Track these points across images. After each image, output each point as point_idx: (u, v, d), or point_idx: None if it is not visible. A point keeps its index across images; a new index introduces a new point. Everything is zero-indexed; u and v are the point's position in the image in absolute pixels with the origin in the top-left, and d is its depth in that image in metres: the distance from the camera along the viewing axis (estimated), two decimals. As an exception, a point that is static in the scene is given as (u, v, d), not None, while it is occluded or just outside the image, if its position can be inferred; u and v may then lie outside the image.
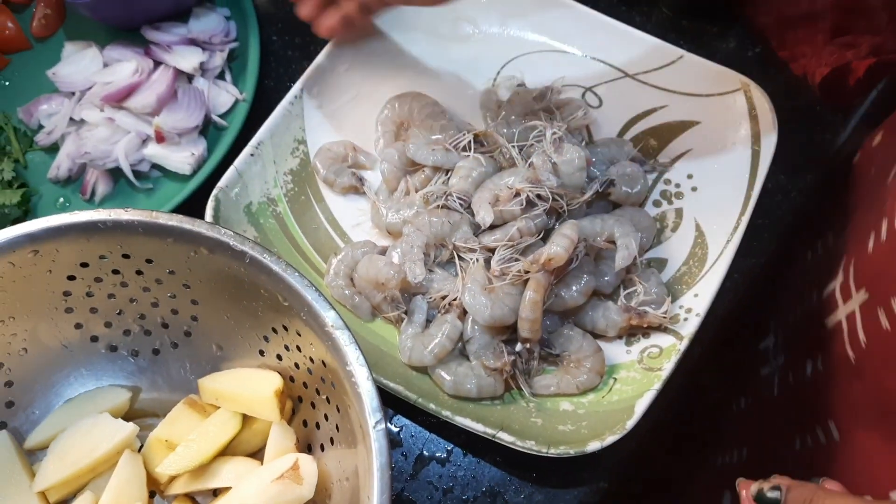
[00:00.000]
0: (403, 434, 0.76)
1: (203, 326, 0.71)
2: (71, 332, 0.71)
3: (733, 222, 0.80)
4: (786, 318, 0.91)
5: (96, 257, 0.66)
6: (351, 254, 0.79)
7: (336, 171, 0.84)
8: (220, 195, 0.78)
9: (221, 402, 0.69)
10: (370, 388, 0.58)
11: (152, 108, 0.84)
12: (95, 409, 0.71)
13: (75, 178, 0.87)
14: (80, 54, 0.90)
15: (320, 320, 0.60)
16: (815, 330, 0.79)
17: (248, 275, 0.64)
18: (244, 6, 0.92)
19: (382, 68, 0.90)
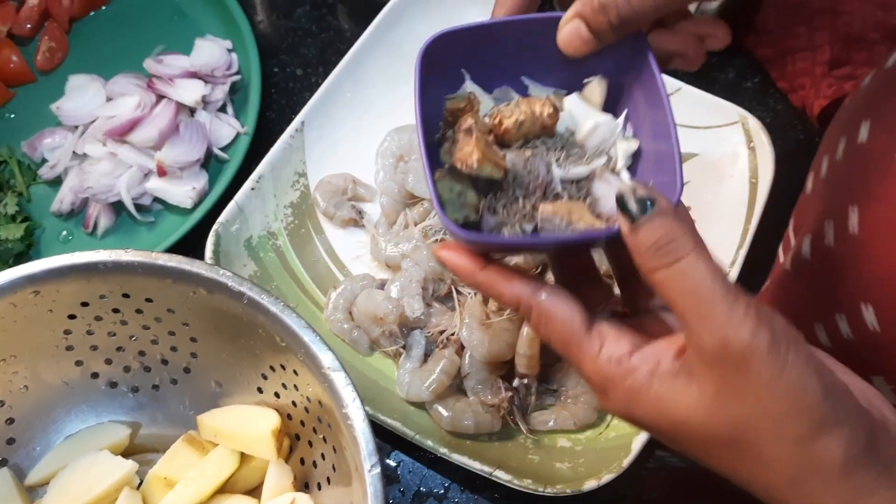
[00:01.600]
0: (401, 470, 0.76)
1: (202, 363, 0.71)
2: (72, 369, 0.71)
3: (731, 256, 0.80)
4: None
5: (97, 297, 0.67)
6: (350, 287, 0.80)
7: (336, 204, 0.85)
8: (221, 230, 0.79)
9: (220, 439, 0.70)
10: (366, 430, 0.58)
11: (154, 142, 0.85)
12: (95, 445, 0.72)
13: (78, 211, 0.88)
14: (84, 88, 0.90)
15: (317, 361, 0.61)
16: None
17: (247, 314, 0.64)
18: (245, 38, 0.93)
19: (383, 100, 0.91)
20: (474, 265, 0.48)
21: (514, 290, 0.47)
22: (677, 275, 0.40)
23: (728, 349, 0.39)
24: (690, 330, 0.40)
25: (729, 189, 0.84)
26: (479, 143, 0.47)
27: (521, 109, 0.50)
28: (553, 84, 0.53)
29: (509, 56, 0.52)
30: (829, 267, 0.58)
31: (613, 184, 0.49)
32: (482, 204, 0.48)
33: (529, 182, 0.49)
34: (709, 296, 0.39)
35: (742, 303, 0.39)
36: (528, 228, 0.48)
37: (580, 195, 0.49)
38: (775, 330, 0.39)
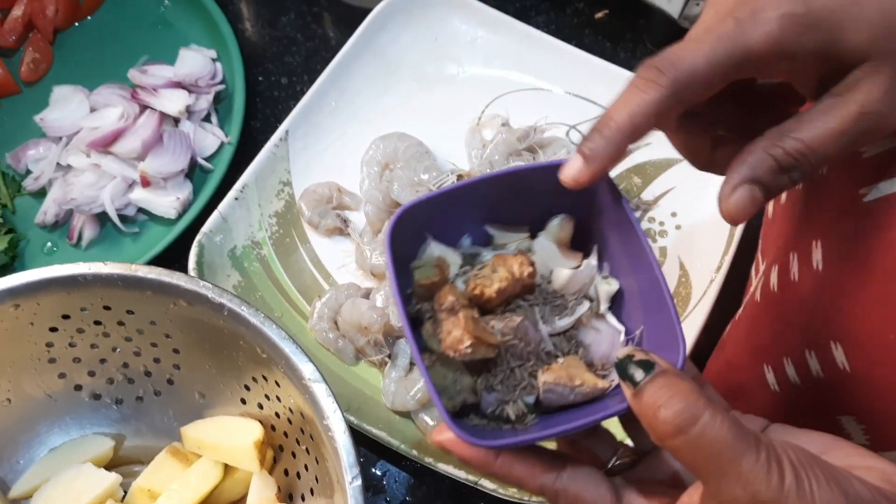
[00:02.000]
0: (387, 480, 0.76)
1: (185, 375, 0.71)
2: (55, 381, 0.71)
3: (717, 261, 0.80)
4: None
5: (77, 309, 0.66)
6: (335, 297, 0.80)
7: (321, 213, 0.85)
8: (204, 240, 0.79)
9: (203, 451, 0.70)
10: (347, 442, 0.58)
11: (138, 153, 0.85)
12: (79, 458, 0.71)
13: (62, 223, 0.87)
14: (68, 99, 0.90)
15: (298, 372, 0.61)
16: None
17: (228, 326, 0.64)
18: (230, 47, 0.93)
19: (367, 109, 0.91)
20: (487, 454, 0.45)
21: (537, 479, 0.45)
22: (696, 439, 0.38)
23: (761, 501, 0.38)
24: (716, 489, 0.39)
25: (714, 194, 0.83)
26: (467, 325, 0.44)
27: (499, 275, 0.47)
28: (514, 222, 0.51)
29: (470, 210, 0.50)
30: (797, 302, 0.57)
31: (601, 330, 0.49)
32: (478, 383, 0.46)
33: (521, 349, 0.47)
34: (733, 455, 0.38)
35: (763, 450, 0.38)
36: (530, 400, 0.46)
37: (570, 348, 0.48)
38: (795, 467, 0.38)
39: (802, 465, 0.38)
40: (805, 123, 0.43)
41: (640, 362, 0.40)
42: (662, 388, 0.39)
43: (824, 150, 0.43)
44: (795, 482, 0.38)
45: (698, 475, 0.39)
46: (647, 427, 0.40)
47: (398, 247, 0.47)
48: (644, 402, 0.39)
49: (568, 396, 0.46)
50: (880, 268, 0.49)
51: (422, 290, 0.48)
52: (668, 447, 0.39)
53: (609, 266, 0.50)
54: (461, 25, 0.94)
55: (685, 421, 0.38)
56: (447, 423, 0.43)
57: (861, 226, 0.51)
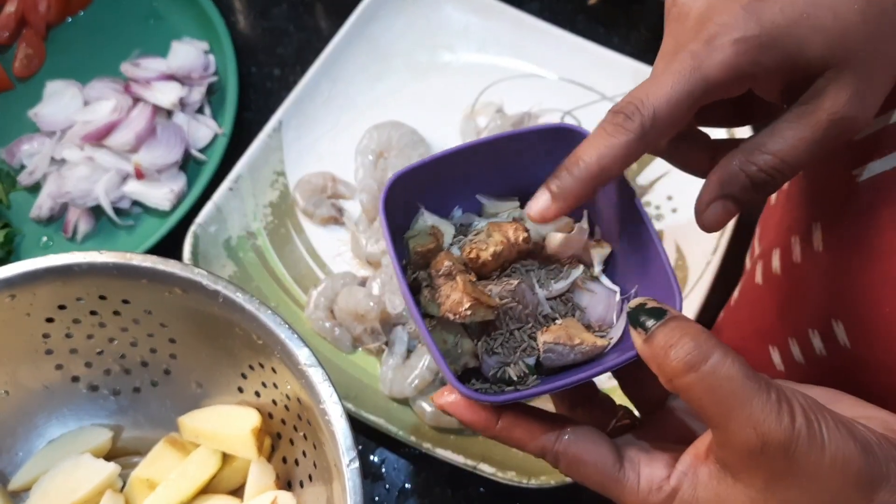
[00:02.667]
0: (386, 467, 0.76)
1: (182, 364, 0.71)
2: (52, 373, 0.71)
3: (713, 244, 0.80)
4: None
5: (73, 299, 0.66)
6: (331, 286, 0.80)
7: (315, 203, 0.84)
8: (199, 231, 0.79)
9: (201, 440, 0.70)
10: (344, 426, 0.58)
11: (131, 145, 0.85)
12: (77, 449, 0.71)
13: (57, 216, 0.87)
14: (61, 93, 0.90)
15: (294, 358, 0.61)
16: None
17: (223, 313, 0.64)
18: (222, 39, 0.92)
19: (361, 98, 0.91)
20: (489, 416, 0.45)
21: (538, 440, 0.45)
22: (707, 377, 0.38)
23: (771, 441, 0.38)
24: (725, 430, 0.39)
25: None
26: (466, 289, 0.45)
27: (494, 239, 0.48)
28: (504, 192, 0.51)
29: (462, 179, 0.50)
30: (799, 282, 0.58)
31: (597, 292, 0.49)
32: (479, 347, 0.46)
33: (520, 312, 0.47)
34: (744, 394, 0.38)
35: (773, 392, 0.38)
36: (531, 361, 0.46)
37: (567, 310, 0.48)
38: (805, 409, 0.39)
39: (812, 409, 0.39)
40: (776, 135, 0.43)
41: (651, 310, 0.41)
42: (674, 330, 0.40)
43: (797, 160, 0.43)
44: (806, 423, 0.38)
45: (707, 419, 0.40)
46: (657, 370, 0.40)
47: (392, 216, 0.47)
48: (655, 344, 0.40)
49: (568, 356, 0.46)
50: (876, 246, 0.50)
51: (417, 257, 0.48)
52: (678, 386, 0.40)
53: (600, 230, 0.51)
54: (454, 13, 0.94)
55: (696, 358, 0.39)
56: (452, 383, 0.43)
57: (857, 206, 0.51)
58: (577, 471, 0.45)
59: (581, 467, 0.45)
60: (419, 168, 0.48)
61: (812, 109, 0.43)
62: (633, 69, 0.89)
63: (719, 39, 0.42)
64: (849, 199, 0.52)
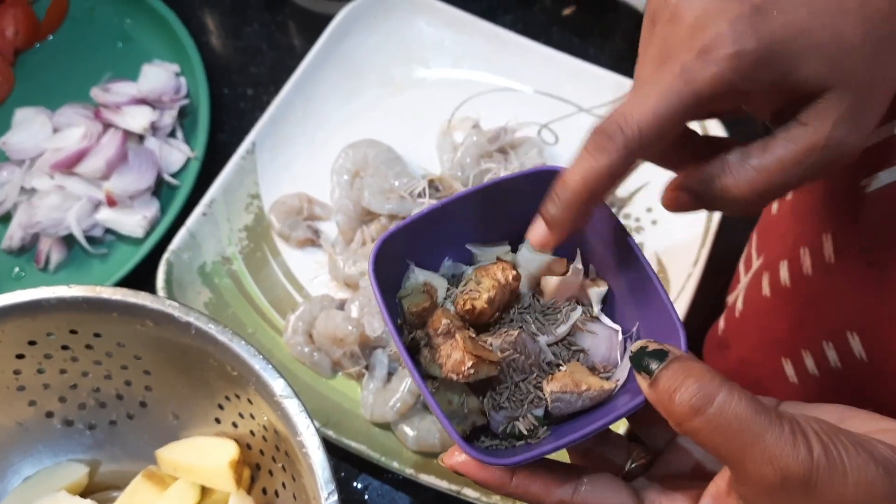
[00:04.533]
0: (369, 493, 0.74)
1: (158, 396, 0.69)
2: (25, 409, 0.69)
3: (694, 255, 0.79)
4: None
5: (44, 334, 0.65)
6: (309, 310, 0.78)
7: (291, 225, 0.83)
8: (172, 258, 0.78)
9: (179, 472, 0.68)
10: (321, 458, 0.57)
11: (102, 172, 0.84)
12: (53, 486, 0.70)
13: (29, 247, 0.86)
14: (30, 121, 0.89)
15: (269, 389, 0.59)
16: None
17: (196, 345, 0.62)
18: (193, 61, 0.91)
19: (336, 116, 0.90)
20: (503, 475, 0.44)
21: (554, 495, 0.44)
22: (715, 418, 0.37)
23: (791, 476, 0.36)
24: (742, 469, 0.38)
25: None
26: (466, 346, 0.44)
27: (485, 285, 0.47)
28: (493, 238, 0.51)
29: (448, 231, 0.50)
30: (811, 294, 0.57)
31: (598, 332, 0.48)
32: (485, 403, 0.46)
33: (523, 363, 0.46)
34: (755, 430, 0.37)
35: (786, 424, 0.37)
36: (539, 413, 0.46)
37: (570, 355, 0.48)
38: (821, 437, 0.37)
39: (828, 434, 0.37)
40: (768, 151, 0.42)
41: (653, 353, 0.40)
42: (678, 373, 0.38)
43: (784, 179, 0.42)
44: (824, 452, 0.36)
45: (722, 459, 0.38)
46: (665, 414, 0.39)
47: (382, 278, 0.46)
48: (660, 388, 0.39)
49: (576, 403, 0.45)
50: (891, 258, 0.49)
51: (413, 317, 0.47)
52: (687, 431, 0.38)
53: (594, 268, 0.50)
54: (427, 28, 0.93)
55: (701, 400, 0.37)
56: (462, 447, 0.42)
57: (867, 217, 0.50)
58: None
59: None
60: (405, 227, 0.47)
61: (808, 131, 0.41)
62: (609, 80, 0.88)
63: (714, 53, 0.40)
64: (859, 210, 0.51)
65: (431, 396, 0.44)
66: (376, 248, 0.46)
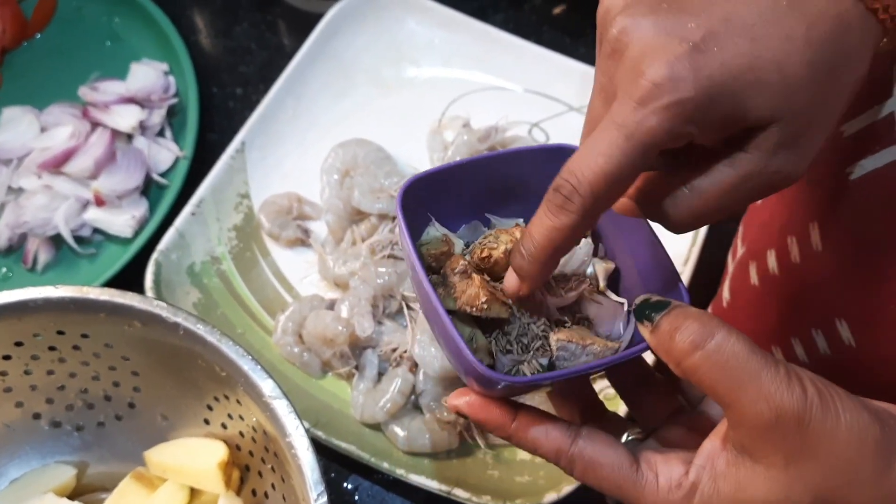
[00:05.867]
0: (360, 494, 0.74)
1: (146, 397, 0.69)
2: (12, 411, 0.69)
3: (684, 254, 0.79)
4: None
5: (30, 335, 0.64)
6: (298, 310, 0.78)
7: (281, 224, 0.83)
8: (161, 258, 0.77)
9: (168, 474, 0.68)
10: (311, 459, 0.56)
11: (90, 171, 0.83)
12: (41, 488, 0.69)
13: (16, 247, 0.85)
14: (17, 120, 0.88)
15: (258, 390, 0.59)
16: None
17: (184, 345, 0.62)
18: (182, 60, 0.91)
19: (326, 116, 0.89)
20: (504, 415, 0.45)
21: (552, 441, 0.45)
22: (714, 353, 0.39)
23: (786, 414, 0.37)
24: (739, 407, 0.39)
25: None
26: (482, 284, 0.46)
27: (503, 239, 0.49)
28: (512, 215, 0.52)
29: (468, 194, 0.51)
30: (799, 282, 0.57)
31: (604, 304, 0.50)
32: (493, 346, 0.47)
33: (532, 314, 0.48)
34: (752, 368, 0.38)
35: (781, 366, 0.38)
36: (544, 362, 0.47)
37: (575, 321, 0.49)
38: (815, 382, 0.38)
39: (822, 381, 0.39)
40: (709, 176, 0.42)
41: (655, 303, 0.42)
42: (678, 316, 0.40)
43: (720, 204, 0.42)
44: (818, 394, 0.38)
45: (718, 397, 0.39)
46: (665, 356, 0.41)
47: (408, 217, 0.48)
48: (661, 330, 0.40)
49: (580, 356, 0.46)
50: (878, 244, 0.50)
51: (431, 260, 0.49)
52: (686, 368, 0.40)
53: (605, 248, 0.52)
54: (417, 27, 0.92)
55: (701, 336, 0.39)
56: (473, 364, 0.43)
57: (852, 204, 0.51)
58: (594, 473, 0.44)
59: (597, 470, 0.44)
60: (430, 176, 0.50)
61: (747, 159, 0.41)
62: (600, 79, 0.88)
63: (652, 103, 0.39)
64: (844, 198, 0.52)
65: (450, 321, 0.44)
66: (404, 187, 0.48)
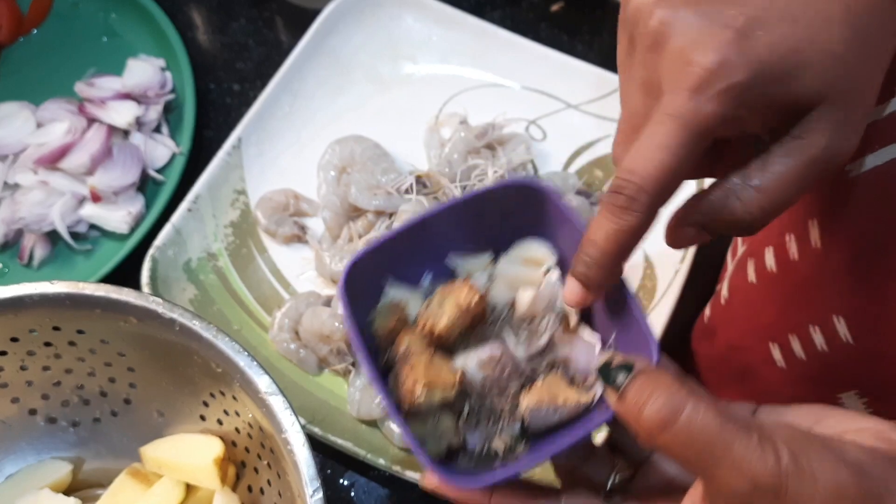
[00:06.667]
0: (356, 491, 0.74)
1: (142, 393, 0.69)
2: (7, 407, 0.69)
3: (681, 252, 0.79)
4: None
5: (26, 331, 0.64)
6: (295, 306, 0.78)
7: (277, 221, 0.83)
8: (157, 254, 0.77)
9: (164, 470, 0.68)
10: (307, 455, 0.56)
11: (87, 167, 0.83)
12: (36, 484, 0.69)
13: (12, 243, 0.85)
14: (13, 116, 0.88)
15: (254, 386, 0.59)
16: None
17: (180, 341, 0.62)
18: (179, 56, 0.91)
19: (322, 112, 0.89)
20: (481, 495, 0.45)
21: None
22: (683, 432, 0.38)
23: (762, 485, 0.37)
24: (713, 482, 0.38)
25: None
26: (416, 373, 0.44)
27: (445, 310, 0.47)
28: (477, 248, 0.51)
29: (427, 245, 0.50)
30: (797, 279, 0.57)
31: (576, 343, 0.48)
32: (460, 425, 0.45)
33: (499, 377, 0.46)
34: (724, 441, 0.37)
35: (753, 432, 0.37)
36: (516, 429, 0.46)
37: (549, 367, 0.48)
38: (790, 444, 0.37)
39: (797, 441, 0.38)
40: (766, 169, 0.42)
41: (619, 366, 0.40)
42: (643, 387, 0.39)
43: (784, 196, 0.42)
44: (793, 460, 0.37)
45: (694, 471, 0.39)
46: (634, 429, 0.39)
47: (356, 300, 0.45)
48: (627, 403, 0.39)
49: (553, 417, 0.45)
50: (878, 242, 0.49)
51: (383, 339, 0.47)
52: (657, 445, 0.39)
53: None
54: (415, 24, 0.92)
55: (668, 415, 0.38)
56: (432, 470, 0.42)
57: (852, 201, 0.51)
58: None
59: None
60: (378, 248, 0.47)
61: (805, 145, 0.41)
62: (597, 76, 0.88)
63: (707, 90, 0.39)
64: (844, 196, 0.51)
65: (404, 423, 0.43)
66: (346, 272, 0.45)
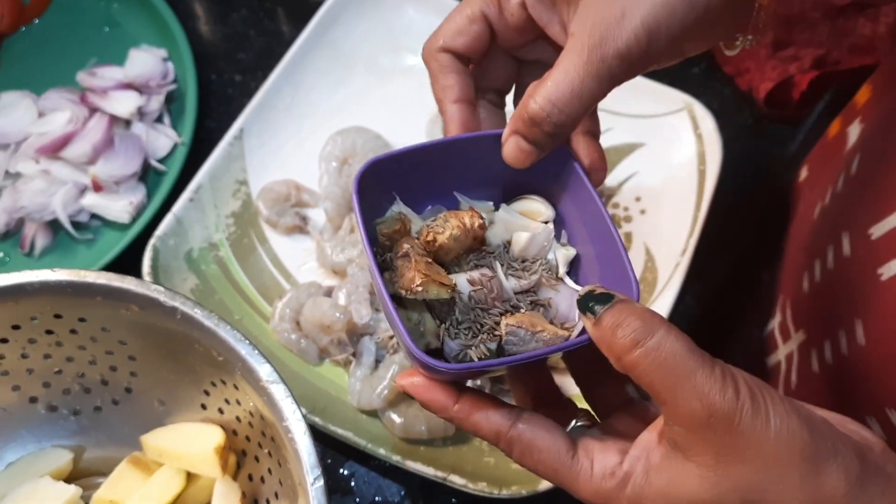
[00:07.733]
0: (356, 480, 0.74)
1: (143, 382, 0.69)
2: (8, 394, 0.69)
3: (682, 245, 0.79)
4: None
5: (27, 319, 0.64)
6: (296, 296, 0.78)
7: (279, 212, 0.83)
8: (158, 244, 0.77)
9: (164, 458, 0.68)
10: (307, 443, 0.56)
11: (88, 157, 0.83)
12: (37, 472, 0.69)
13: (14, 232, 0.85)
14: (15, 105, 0.88)
15: (255, 375, 0.59)
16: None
17: (182, 330, 0.62)
18: (181, 46, 0.91)
19: (324, 103, 0.89)
20: (447, 397, 0.46)
21: (492, 423, 0.45)
22: (653, 351, 0.39)
23: (717, 413, 0.38)
24: (674, 404, 0.39)
25: (677, 177, 0.83)
26: (418, 267, 0.46)
27: (451, 224, 0.49)
28: (484, 198, 0.52)
29: (438, 176, 0.51)
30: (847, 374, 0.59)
31: (560, 290, 0.49)
32: (441, 330, 0.47)
33: (486, 297, 0.48)
34: (689, 366, 0.39)
35: (717, 366, 0.39)
36: (492, 346, 0.47)
37: (532, 306, 0.49)
38: (749, 384, 0.39)
39: (756, 385, 0.40)
40: (553, 68, 0.45)
41: (599, 296, 0.42)
42: (621, 312, 0.41)
43: (572, 87, 0.45)
44: (750, 396, 0.39)
45: (655, 394, 0.40)
46: (606, 350, 0.41)
47: (366, 201, 0.47)
48: (603, 325, 0.41)
49: (529, 342, 0.46)
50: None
51: (384, 239, 0.49)
52: (626, 364, 0.40)
53: (567, 235, 0.52)
54: (416, 15, 0.92)
55: (641, 334, 0.40)
56: (413, 352, 0.43)
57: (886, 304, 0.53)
58: (531, 457, 0.45)
59: (534, 454, 0.45)
60: (394, 157, 0.49)
61: (573, 40, 0.45)
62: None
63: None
64: (877, 298, 0.53)
65: (394, 308, 0.44)
66: (361, 170, 0.47)
